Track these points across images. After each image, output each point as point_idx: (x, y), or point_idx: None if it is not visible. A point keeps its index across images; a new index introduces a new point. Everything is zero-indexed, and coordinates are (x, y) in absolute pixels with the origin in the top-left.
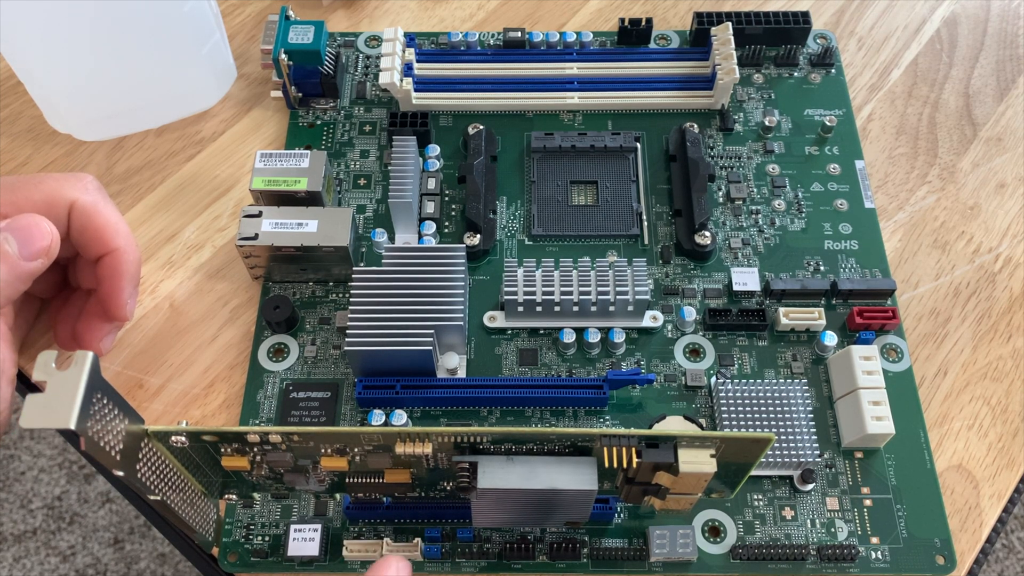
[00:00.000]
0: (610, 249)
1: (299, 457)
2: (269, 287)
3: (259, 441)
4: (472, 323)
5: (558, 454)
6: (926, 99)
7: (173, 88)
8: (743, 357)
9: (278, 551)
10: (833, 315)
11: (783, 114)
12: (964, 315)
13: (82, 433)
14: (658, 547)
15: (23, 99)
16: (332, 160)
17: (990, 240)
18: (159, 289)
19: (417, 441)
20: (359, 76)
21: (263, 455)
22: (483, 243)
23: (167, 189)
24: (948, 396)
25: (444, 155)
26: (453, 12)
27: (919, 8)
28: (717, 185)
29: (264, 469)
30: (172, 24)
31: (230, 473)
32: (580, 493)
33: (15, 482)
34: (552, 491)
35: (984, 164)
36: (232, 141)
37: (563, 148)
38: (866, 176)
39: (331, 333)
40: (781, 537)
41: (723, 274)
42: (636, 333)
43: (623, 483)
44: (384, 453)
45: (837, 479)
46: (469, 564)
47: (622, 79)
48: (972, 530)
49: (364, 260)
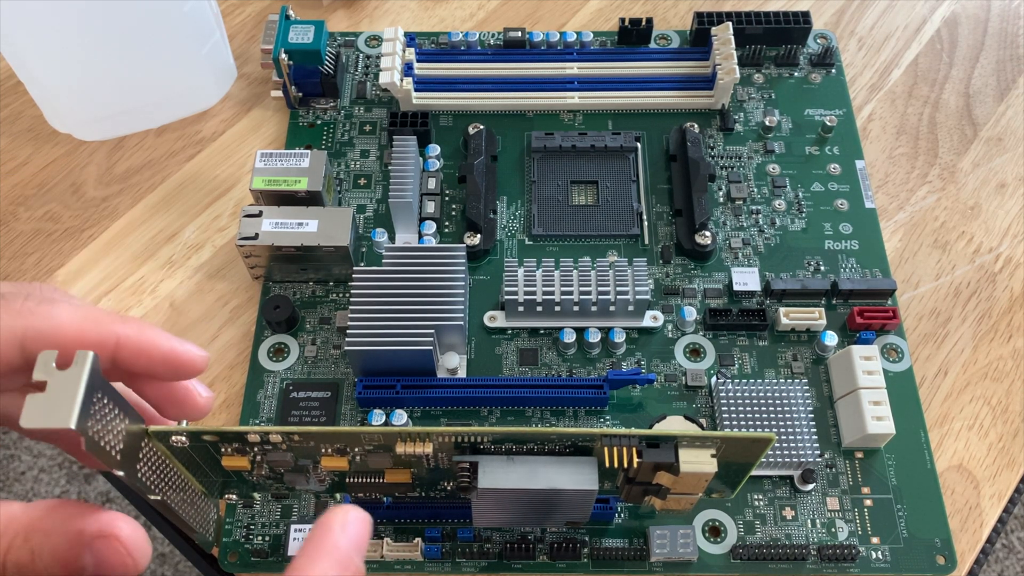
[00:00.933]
0: (610, 249)
1: (299, 457)
2: (269, 287)
3: (260, 441)
4: (472, 323)
5: (559, 454)
6: (926, 99)
7: (173, 88)
8: (743, 357)
9: (278, 551)
10: (833, 315)
11: (783, 114)
12: (964, 315)
13: (83, 433)
14: (658, 547)
15: (23, 99)
16: (332, 160)
17: (990, 240)
18: (159, 289)
19: (418, 441)
20: (359, 76)
21: (264, 455)
22: (483, 243)
23: (167, 189)
24: (948, 396)
25: (444, 155)
26: (453, 12)
27: (919, 8)
28: (717, 185)
29: (264, 469)
30: (172, 24)
31: (230, 473)
32: (581, 493)
33: (15, 482)
34: (553, 491)
35: (984, 164)
36: (232, 141)
37: (563, 148)
38: (866, 176)
39: (331, 333)
40: (781, 537)
41: (723, 274)
42: (636, 333)
43: (624, 483)
44: (385, 453)
45: (837, 479)
46: (469, 564)
47: (622, 79)
48: (972, 530)
49: (364, 260)
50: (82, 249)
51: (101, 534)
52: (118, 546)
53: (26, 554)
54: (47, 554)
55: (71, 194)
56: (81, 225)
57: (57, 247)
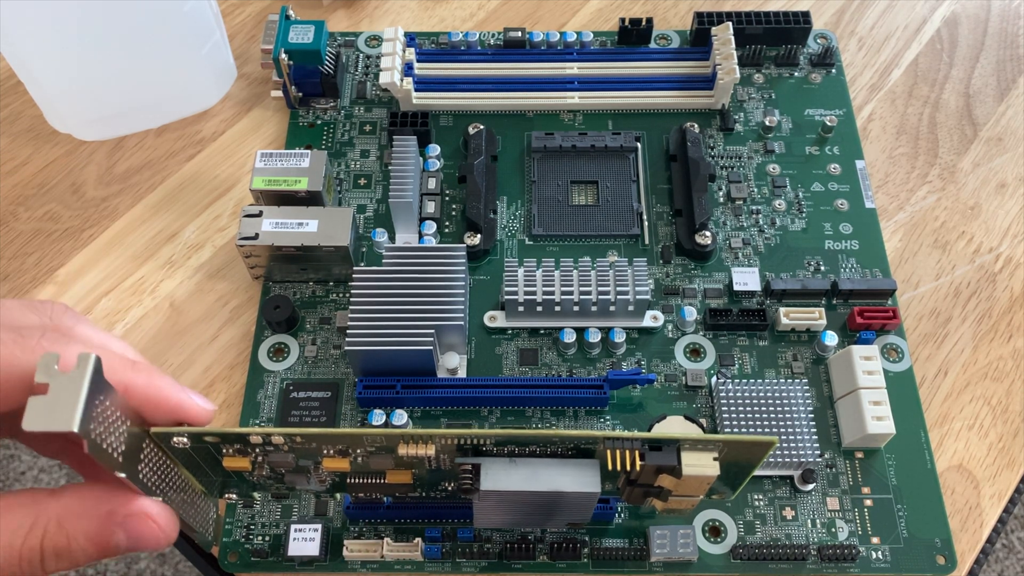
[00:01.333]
0: (610, 249)
1: (301, 457)
2: (269, 287)
3: (262, 442)
4: (472, 323)
5: (561, 456)
6: (926, 99)
7: (173, 88)
8: (743, 357)
9: (278, 551)
10: (833, 315)
11: (783, 114)
12: (964, 315)
13: (85, 436)
14: (659, 547)
15: (23, 99)
16: (332, 160)
17: (990, 240)
18: (159, 289)
19: (420, 443)
20: (359, 76)
21: (265, 456)
22: (483, 243)
23: (167, 189)
24: (948, 396)
25: (444, 155)
26: (453, 12)
27: (919, 8)
28: (717, 185)
29: (265, 469)
30: (172, 24)
31: (230, 473)
32: (583, 495)
33: (15, 482)
34: (555, 493)
35: (984, 164)
36: (232, 141)
37: (563, 148)
38: (866, 176)
39: (331, 333)
40: (782, 537)
41: (723, 274)
42: (636, 333)
43: (625, 484)
44: (387, 454)
45: (837, 479)
46: (469, 564)
47: (622, 79)
48: (972, 530)
49: (364, 260)
50: (82, 249)
51: (131, 512)
52: (149, 521)
53: (63, 538)
54: (81, 536)
55: (71, 194)
56: (81, 225)
57: (57, 247)
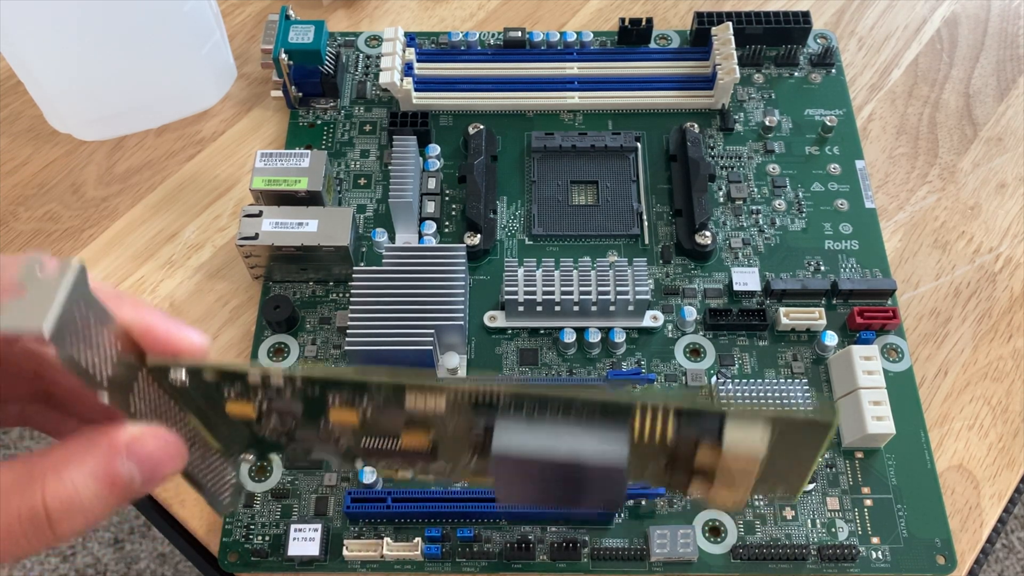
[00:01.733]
0: (610, 249)
1: (307, 406)
2: (269, 287)
3: (261, 383)
4: (472, 323)
5: (585, 421)
6: (926, 99)
7: (173, 88)
8: (743, 357)
9: (278, 551)
10: (833, 315)
11: (783, 114)
12: (964, 315)
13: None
14: (659, 547)
15: (23, 99)
16: (332, 160)
17: (990, 240)
18: (159, 289)
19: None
20: (359, 76)
21: (269, 402)
22: (483, 243)
23: (167, 189)
24: (948, 396)
25: (444, 155)
26: (453, 12)
27: (919, 8)
28: (717, 185)
29: (274, 419)
30: (172, 24)
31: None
32: (607, 463)
33: None
34: (575, 458)
35: (984, 164)
36: (232, 141)
37: (563, 148)
38: (866, 176)
39: (331, 333)
40: (782, 537)
41: (723, 274)
42: (636, 333)
43: (665, 466)
44: (397, 409)
45: (838, 479)
46: (469, 564)
47: (622, 79)
48: (972, 530)
49: (364, 260)
50: (82, 249)
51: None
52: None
53: (65, 486)
54: (84, 476)
55: (71, 194)
56: (81, 225)
57: (57, 247)
